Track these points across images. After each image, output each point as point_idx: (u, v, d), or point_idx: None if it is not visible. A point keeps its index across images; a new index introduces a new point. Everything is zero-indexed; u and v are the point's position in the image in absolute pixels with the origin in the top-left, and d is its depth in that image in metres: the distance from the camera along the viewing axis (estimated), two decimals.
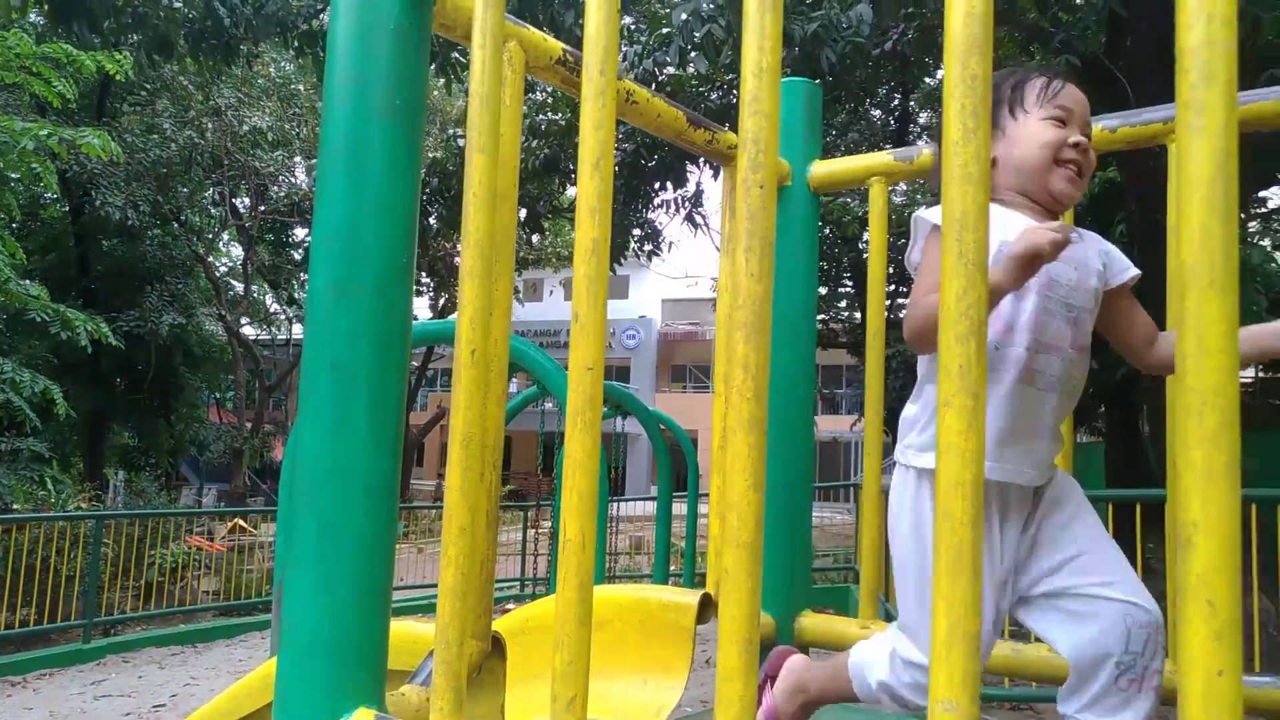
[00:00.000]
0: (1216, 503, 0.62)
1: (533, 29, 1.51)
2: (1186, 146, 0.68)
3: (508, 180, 1.39)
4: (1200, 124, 0.68)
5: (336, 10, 1.23)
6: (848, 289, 15.50)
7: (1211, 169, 0.67)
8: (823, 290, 15.47)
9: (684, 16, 4.39)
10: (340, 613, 1.03)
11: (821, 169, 2.01)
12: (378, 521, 1.09)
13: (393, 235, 1.17)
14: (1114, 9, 4.85)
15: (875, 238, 1.93)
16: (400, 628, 1.29)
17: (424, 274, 19.59)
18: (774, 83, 0.89)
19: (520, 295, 24.49)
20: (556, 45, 1.51)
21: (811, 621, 1.84)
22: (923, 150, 1.89)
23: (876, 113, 12.87)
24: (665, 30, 4.70)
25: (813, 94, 2.09)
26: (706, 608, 1.71)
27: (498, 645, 1.29)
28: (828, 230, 14.07)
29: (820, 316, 15.94)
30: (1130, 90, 5.31)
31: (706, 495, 1.97)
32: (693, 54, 4.51)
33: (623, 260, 9.93)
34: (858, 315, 14.89)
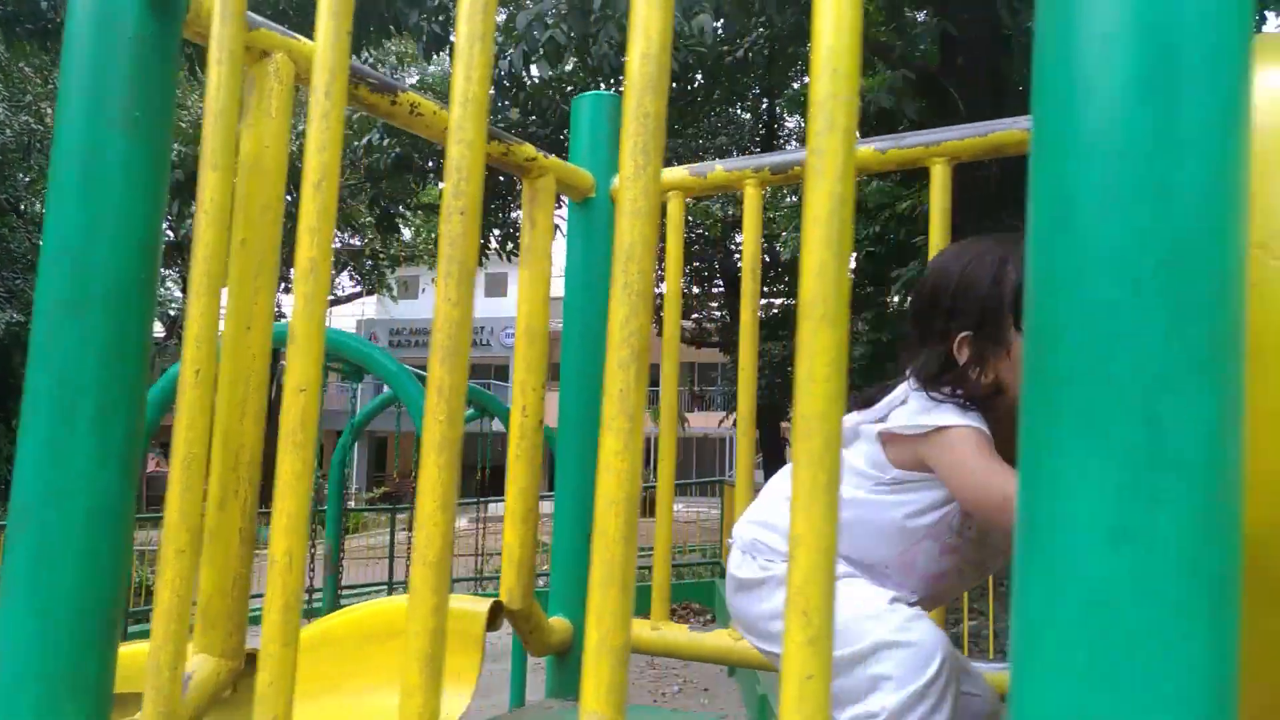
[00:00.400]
0: (816, 519, 0.67)
1: (304, 40, 1.49)
2: (810, 188, 0.73)
3: (273, 191, 1.38)
4: (821, 167, 0.73)
5: (73, 12, 1.19)
6: (719, 288, 15.83)
7: (829, 209, 0.72)
8: (696, 290, 15.76)
9: (529, 20, 4.41)
10: (56, 640, 1.01)
11: None
12: (104, 543, 1.06)
13: (129, 250, 1.15)
14: (946, 29, 5.12)
15: (672, 249, 1.99)
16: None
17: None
18: (478, 112, 0.91)
19: (394, 293, 23.94)
20: None
21: None
22: (715, 167, 1.96)
23: (747, 116, 13.14)
24: (515, 31, 4.72)
25: (617, 107, 2.14)
26: (497, 615, 1.73)
27: (253, 663, 1.28)
28: (702, 231, 14.34)
29: (694, 315, 16.22)
30: (962, 104, 5.62)
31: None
32: (534, 60, 4.52)
33: (484, 260, 9.84)
34: (729, 315, 15.22)
